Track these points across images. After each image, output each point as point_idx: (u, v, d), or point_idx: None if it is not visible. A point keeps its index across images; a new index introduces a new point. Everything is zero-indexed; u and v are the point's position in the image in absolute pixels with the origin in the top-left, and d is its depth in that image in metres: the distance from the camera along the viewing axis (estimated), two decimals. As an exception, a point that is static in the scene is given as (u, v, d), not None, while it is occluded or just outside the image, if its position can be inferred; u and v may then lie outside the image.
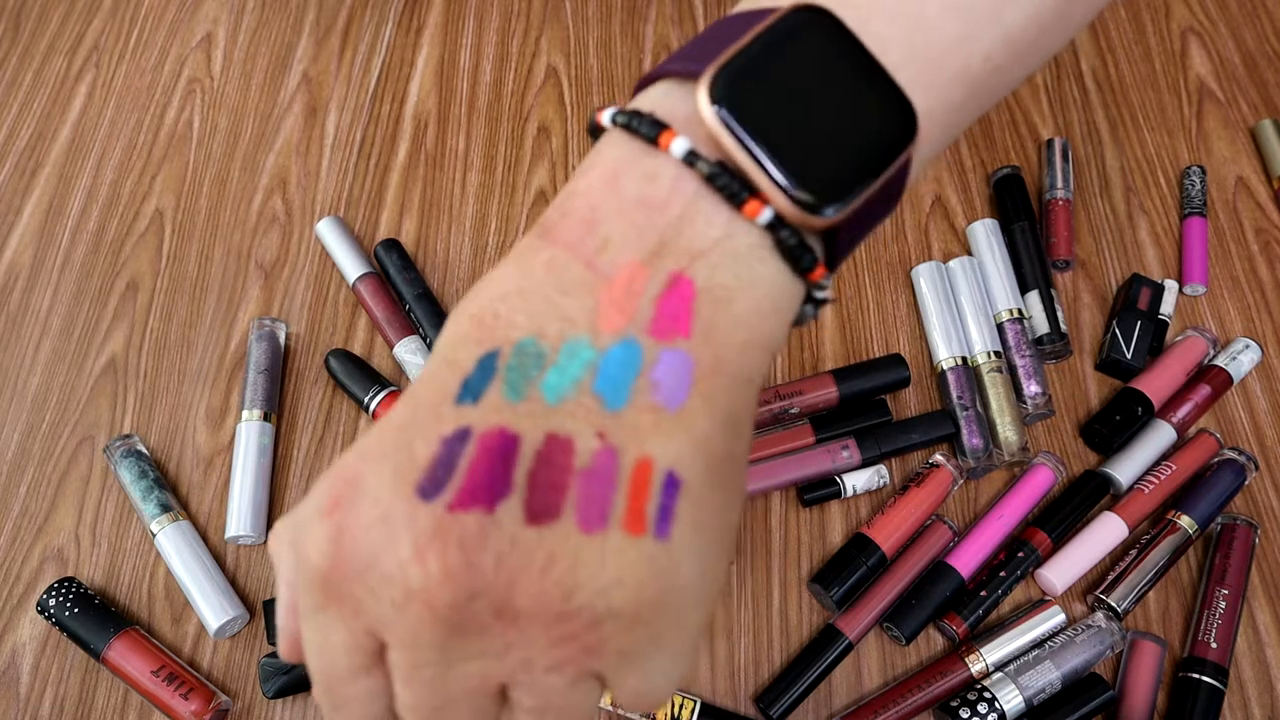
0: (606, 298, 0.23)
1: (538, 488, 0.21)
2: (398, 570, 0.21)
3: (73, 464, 0.53)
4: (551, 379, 0.22)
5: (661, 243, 0.23)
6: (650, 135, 0.24)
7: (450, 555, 0.21)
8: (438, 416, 0.22)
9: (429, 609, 0.21)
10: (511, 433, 0.22)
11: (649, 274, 0.23)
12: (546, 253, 0.24)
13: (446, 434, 0.22)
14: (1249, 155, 0.63)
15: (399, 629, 0.21)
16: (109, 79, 0.67)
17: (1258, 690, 0.47)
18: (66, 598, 0.47)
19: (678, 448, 0.22)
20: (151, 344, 0.57)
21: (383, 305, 0.56)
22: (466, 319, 0.24)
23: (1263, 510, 0.52)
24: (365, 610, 0.22)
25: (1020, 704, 0.45)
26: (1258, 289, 0.58)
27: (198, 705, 0.45)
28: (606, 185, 0.24)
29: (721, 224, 0.24)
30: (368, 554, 0.21)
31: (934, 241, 0.60)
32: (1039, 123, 0.64)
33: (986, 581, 0.49)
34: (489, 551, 0.21)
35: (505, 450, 0.21)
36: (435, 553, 0.21)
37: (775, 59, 0.24)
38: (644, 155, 0.24)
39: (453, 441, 0.22)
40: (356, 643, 0.22)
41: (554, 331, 0.23)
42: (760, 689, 0.47)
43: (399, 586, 0.21)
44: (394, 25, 0.69)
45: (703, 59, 0.24)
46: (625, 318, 0.23)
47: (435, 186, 0.62)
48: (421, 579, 0.21)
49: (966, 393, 0.53)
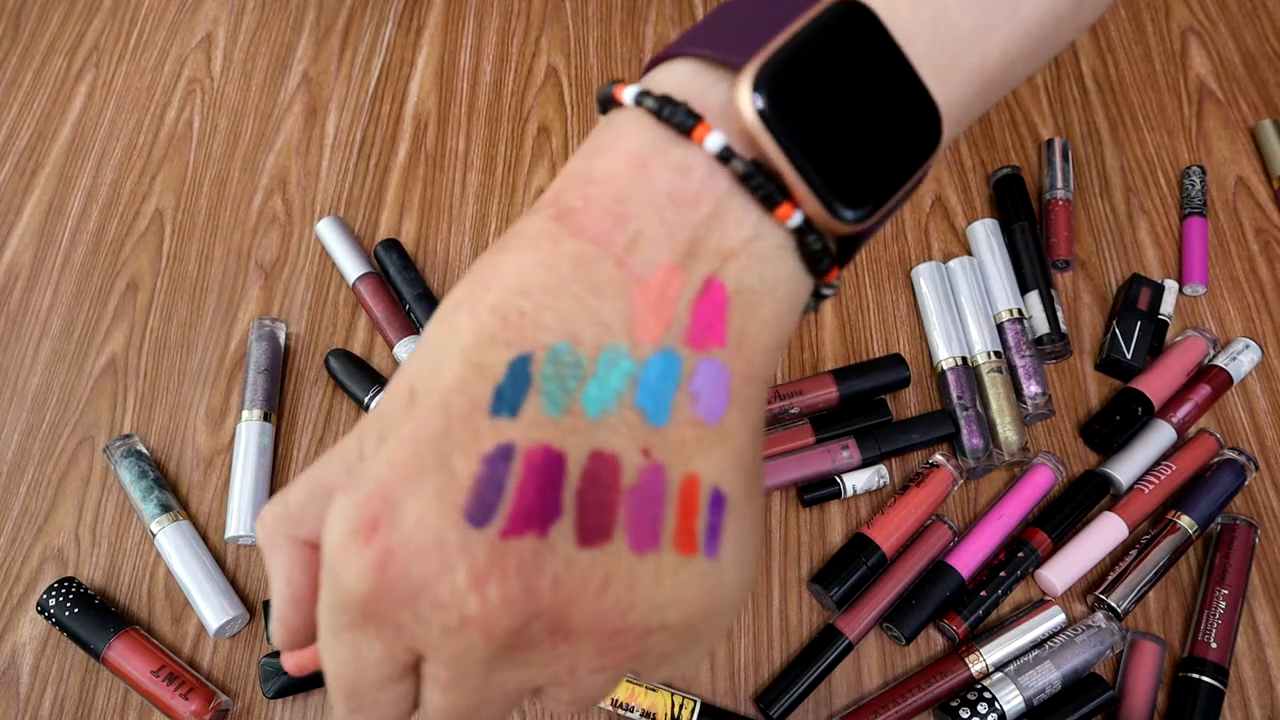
0: (641, 302, 0.22)
1: (587, 508, 0.21)
2: (452, 598, 0.20)
3: (73, 464, 0.53)
4: (592, 392, 0.21)
5: (693, 242, 0.22)
6: (684, 126, 0.22)
7: (510, 584, 0.20)
8: (475, 432, 0.21)
9: (484, 634, 0.20)
10: (557, 450, 0.21)
11: (684, 278, 0.22)
12: (570, 245, 0.22)
13: (488, 452, 0.21)
14: (1249, 155, 0.63)
15: (447, 650, 0.21)
16: (109, 79, 0.67)
17: (1258, 690, 0.47)
18: (66, 598, 0.47)
19: (720, 464, 0.22)
20: (151, 344, 0.57)
21: (383, 305, 0.56)
22: (487, 313, 0.22)
23: (1263, 510, 0.52)
24: (407, 632, 0.21)
25: (1020, 704, 0.45)
26: (1258, 289, 0.58)
27: (198, 705, 0.45)
28: (633, 174, 0.23)
29: (751, 225, 0.23)
30: (417, 582, 0.20)
31: (934, 241, 0.60)
32: (1039, 123, 0.64)
33: (986, 581, 0.49)
34: (545, 576, 0.20)
35: (552, 470, 0.21)
36: (495, 581, 0.20)
37: (816, 57, 0.23)
38: (673, 145, 0.23)
39: (495, 460, 0.20)
40: (392, 657, 0.22)
41: (589, 337, 0.21)
42: (760, 689, 0.47)
43: (453, 613, 0.20)
44: (394, 25, 0.69)
45: (735, 48, 0.23)
46: (662, 325, 0.22)
47: (435, 186, 0.62)
48: (479, 607, 0.20)
49: (966, 393, 0.53)
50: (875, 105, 0.23)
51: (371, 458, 0.22)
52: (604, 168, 0.23)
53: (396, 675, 0.22)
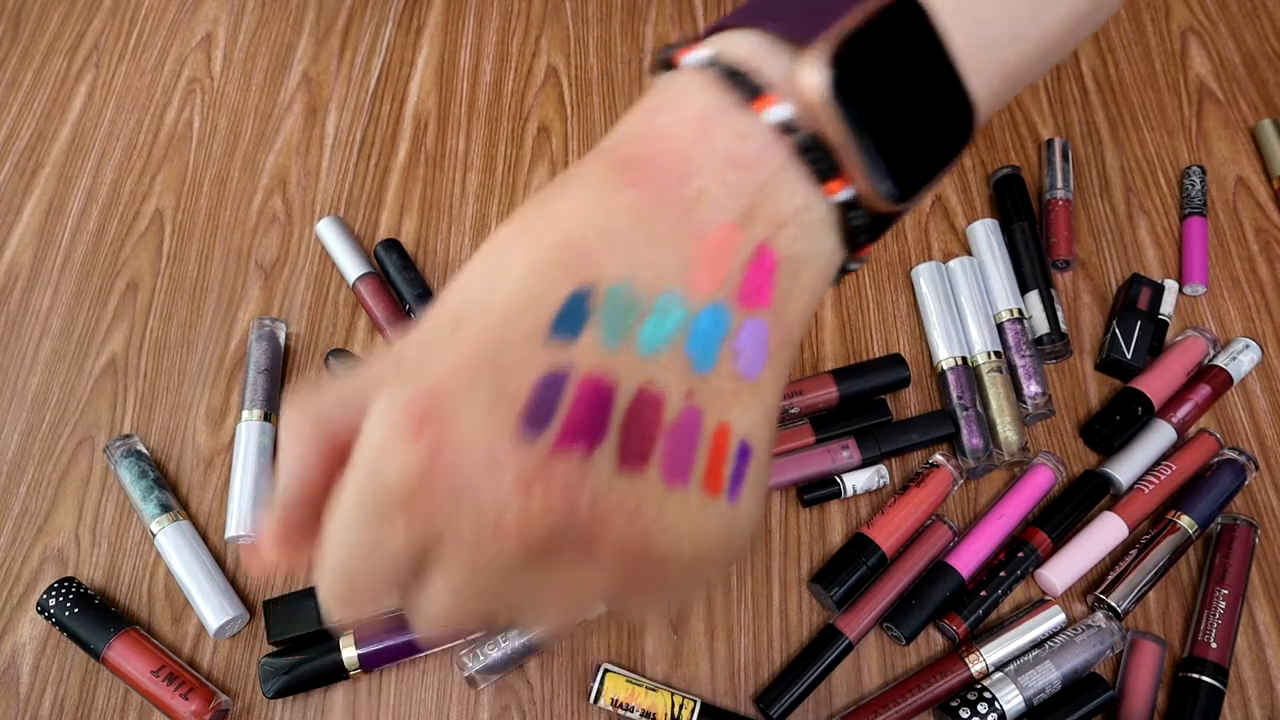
0: (699, 256, 0.23)
1: (630, 436, 0.22)
2: (494, 501, 0.21)
3: (73, 464, 0.53)
4: (647, 332, 0.23)
5: (752, 206, 0.24)
6: (750, 95, 0.23)
7: (552, 494, 0.21)
8: (533, 352, 0.22)
9: (518, 539, 0.22)
10: (609, 380, 0.22)
11: (741, 239, 0.23)
12: (631, 194, 0.23)
13: (545, 371, 0.22)
14: (1249, 155, 0.63)
15: (475, 551, 0.22)
16: (109, 79, 0.67)
17: (1258, 690, 0.47)
18: (66, 598, 0.47)
19: (753, 418, 0.24)
20: (151, 344, 0.57)
21: (383, 305, 0.56)
22: (548, 247, 0.23)
23: (1263, 510, 0.52)
24: (436, 529, 0.22)
25: (1020, 704, 0.45)
26: (1258, 289, 0.58)
27: (198, 705, 0.45)
28: (696, 134, 0.24)
29: (803, 196, 0.24)
30: (463, 481, 0.21)
31: (934, 241, 0.60)
32: (1039, 123, 0.64)
33: (986, 581, 0.49)
34: (585, 493, 0.22)
35: (602, 396, 0.22)
36: (539, 490, 0.21)
37: (875, 43, 0.24)
38: (735, 112, 0.24)
39: (551, 380, 0.22)
40: (410, 550, 0.22)
41: (647, 281, 0.23)
42: (760, 689, 0.47)
43: (493, 517, 0.21)
44: (394, 25, 0.69)
45: (801, 26, 0.24)
46: (716, 281, 0.23)
47: (435, 186, 0.62)
48: (519, 513, 0.21)
49: (966, 393, 0.53)
50: (920, 94, 0.25)
51: (416, 368, 0.23)
52: (667, 125, 0.24)
53: (403, 570, 0.23)
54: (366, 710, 0.47)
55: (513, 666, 0.47)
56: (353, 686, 0.47)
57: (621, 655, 0.48)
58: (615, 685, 0.46)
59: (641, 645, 0.48)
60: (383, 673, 0.48)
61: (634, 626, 0.49)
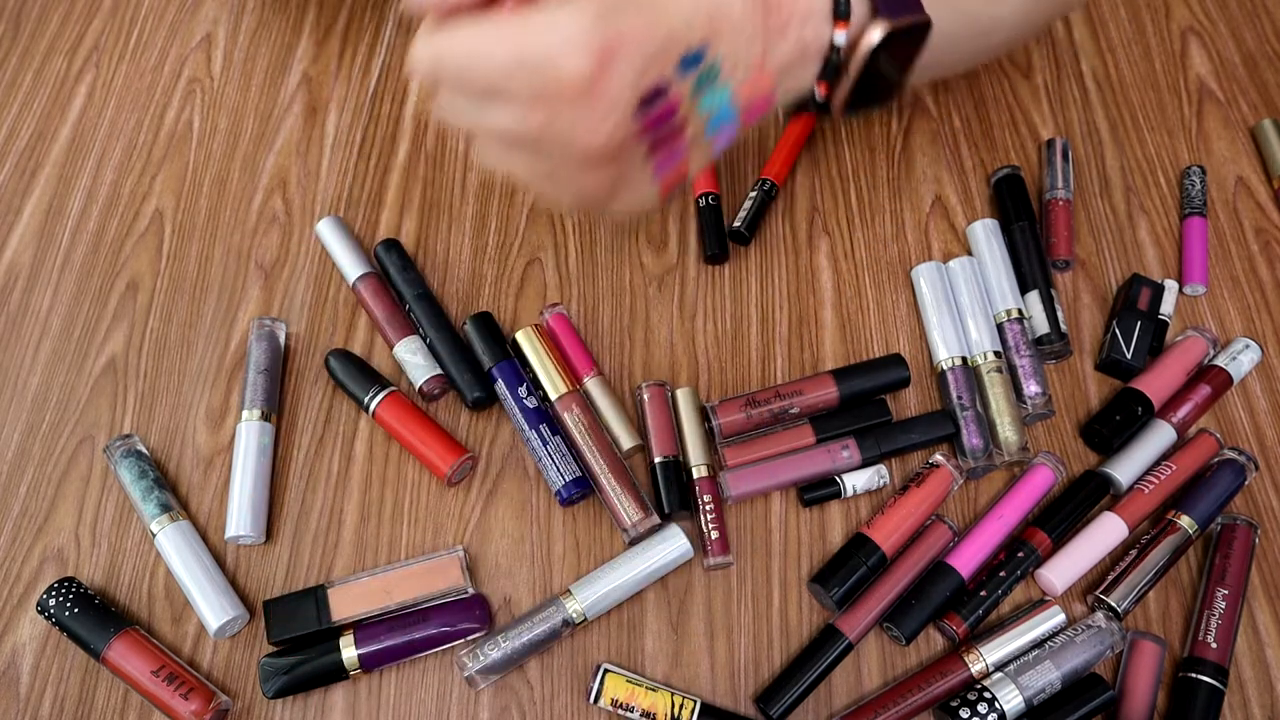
0: (757, 71, 0.38)
1: (660, 141, 0.38)
2: (606, 114, 0.35)
3: (73, 464, 0.53)
4: (707, 100, 0.38)
5: (789, 63, 0.39)
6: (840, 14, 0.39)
7: (627, 127, 0.36)
8: (669, 63, 0.35)
9: (580, 151, 0.36)
10: (679, 109, 0.37)
11: (771, 85, 0.39)
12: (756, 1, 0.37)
13: (664, 76, 0.36)
14: (1249, 155, 0.63)
15: (563, 147, 0.36)
16: (109, 79, 0.67)
17: (1258, 690, 0.47)
18: (66, 598, 0.47)
19: (695, 165, 0.42)
20: (151, 344, 0.57)
21: (383, 305, 0.56)
22: (700, 5, 0.36)
23: (1263, 510, 0.52)
24: (548, 118, 0.35)
25: (1020, 704, 0.45)
26: (1258, 289, 0.58)
27: (198, 705, 0.45)
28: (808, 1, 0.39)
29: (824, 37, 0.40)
30: (590, 105, 0.34)
31: (934, 241, 0.60)
32: (1039, 123, 0.64)
33: (986, 581, 0.49)
34: (628, 154, 0.38)
35: (671, 110, 0.37)
36: (618, 138, 0.36)
37: (904, 33, 0.40)
38: (825, 16, 0.39)
39: (662, 86, 0.36)
40: (515, 112, 0.35)
41: (728, 66, 0.37)
42: (760, 689, 0.47)
43: (601, 118, 0.35)
44: (394, 25, 0.69)
45: (890, 10, 0.40)
46: (752, 96, 0.39)
47: (435, 186, 0.62)
48: (616, 125, 0.35)
49: (966, 393, 0.53)
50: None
51: (614, 12, 0.34)
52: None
53: (480, 88, 0.35)
54: (366, 710, 0.47)
55: (513, 666, 0.47)
56: (352, 686, 0.47)
57: (621, 655, 0.48)
58: (615, 685, 0.46)
59: (641, 645, 0.48)
60: (382, 673, 0.48)
61: (635, 627, 0.49)
